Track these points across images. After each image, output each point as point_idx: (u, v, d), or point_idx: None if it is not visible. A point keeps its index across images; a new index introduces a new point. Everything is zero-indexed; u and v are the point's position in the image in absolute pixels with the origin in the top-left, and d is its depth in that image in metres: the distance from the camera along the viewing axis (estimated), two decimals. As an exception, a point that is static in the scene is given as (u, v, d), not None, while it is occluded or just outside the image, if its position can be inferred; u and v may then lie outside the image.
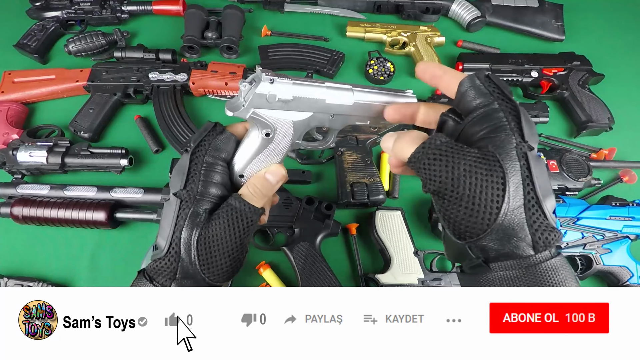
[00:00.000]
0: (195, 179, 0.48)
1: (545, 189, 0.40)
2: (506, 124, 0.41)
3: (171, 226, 0.46)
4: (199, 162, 0.48)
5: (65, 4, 1.30)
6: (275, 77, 0.50)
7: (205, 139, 0.50)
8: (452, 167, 0.39)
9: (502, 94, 0.43)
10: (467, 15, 1.35)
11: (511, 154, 0.40)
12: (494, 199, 0.39)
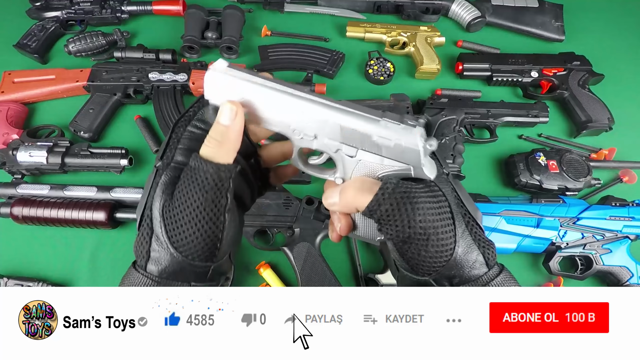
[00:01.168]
0: (172, 147, 0.45)
1: (472, 206, 0.42)
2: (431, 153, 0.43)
3: (145, 197, 0.43)
4: (179, 132, 0.46)
5: (65, 4, 1.30)
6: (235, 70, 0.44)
7: (190, 111, 0.47)
8: (412, 212, 0.38)
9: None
10: (467, 15, 1.35)
11: (442, 178, 0.42)
12: (449, 230, 0.39)
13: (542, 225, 0.94)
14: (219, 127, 0.42)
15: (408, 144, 0.39)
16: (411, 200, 0.38)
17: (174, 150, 0.44)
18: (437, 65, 1.24)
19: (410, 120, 0.40)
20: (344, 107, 0.42)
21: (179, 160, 0.43)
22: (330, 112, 0.42)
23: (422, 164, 0.39)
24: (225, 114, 0.41)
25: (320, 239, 0.95)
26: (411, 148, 0.39)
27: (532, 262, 1.01)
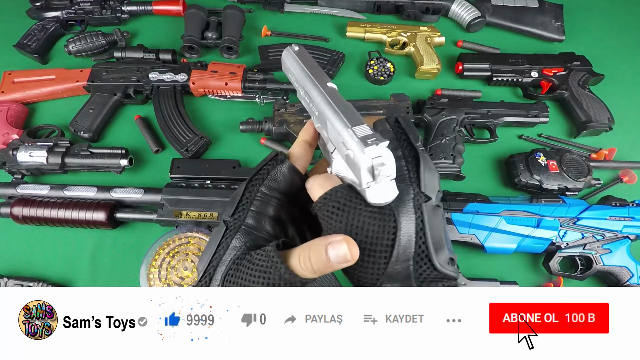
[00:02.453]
0: (245, 208, 0.43)
1: (437, 241, 0.39)
2: (406, 173, 0.40)
3: (210, 253, 0.42)
4: (253, 191, 0.44)
5: (65, 4, 1.30)
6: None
7: (265, 168, 0.45)
8: (349, 220, 0.37)
9: (407, 139, 0.42)
10: (467, 15, 1.35)
11: (408, 205, 0.38)
12: (381, 252, 0.37)
13: (542, 226, 0.94)
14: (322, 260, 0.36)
15: (356, 159, 0.38)
16: (345, 210, 0.38)
17: (246, 212, 0.43)
18: (437, 66, 1.24)
19: (376, 139, 0.37)
20: (336, 101, 0.42)
21: (250, 224, 0.42)
22: (324, 103, 0.43)
23: (365, 186, 0.37)
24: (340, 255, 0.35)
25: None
26: (357, 165, 0.37)
27: (532, 262, 1.01)
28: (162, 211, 0.96)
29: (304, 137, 0.48)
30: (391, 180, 0.37)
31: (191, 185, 1.00)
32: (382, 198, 0.38)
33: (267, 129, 1.09)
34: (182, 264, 0.92)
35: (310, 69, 0.45)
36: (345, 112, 0.40)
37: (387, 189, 0.38)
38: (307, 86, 0.44)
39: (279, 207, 0.44)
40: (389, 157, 0.36)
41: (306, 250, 0.37)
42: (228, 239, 0.42)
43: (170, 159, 1.05)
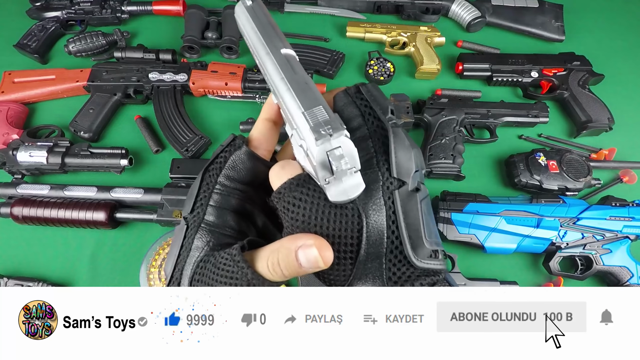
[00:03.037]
0: (203, 203, 0.39)
1: (415, 233, 0.32)
2: (373, 155, 0.33)
3: (175, 255, 0.38)
4: (211, 183, 0.39)
5: (66, 4, 1.30)
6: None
7: (221, 156, 0.40)
8: (308, 217, 0.32)
9: (373, 112, 0.35)
10: (467, 15, 1.35)
11: (375, 196, 0.32)
12: (346, 251, 0.32)
13: (542, 226, 0.94)
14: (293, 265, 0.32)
15: (309, 151, 0.31)
16: (306, 201, 0.32)
17: (205, 207, 0.39)
18: (437, 66, 1.24)
19: (331, 127, 0.30)
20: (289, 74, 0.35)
21: (210, 221, 0.38)
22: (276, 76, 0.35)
23: (323, 183, 0.31)
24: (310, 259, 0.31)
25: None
26: (310, 158, 0.31)
27: (532, 262, 1.01)
28: (162, 211, 0.96)
29: (265, 115, 0.42)
30: (355, 172, 0.31)
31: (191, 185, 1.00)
32: (344, 195, 0.31)
33: (267, 129, 1.09)
34: (182, 264, 0.92)
35: (263, 30, 0.38)
36: (299, 89, 0.33)
37: (351, 183, 0.31)
38: (260, 53, 0.37)
39: (242, 198, 0.40)
40: (348, 147, 0.30)
41: (274, 255, 0.33)
42: (189, 238, 0.38)
43: (170, 159, 1.05)
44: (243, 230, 0.39)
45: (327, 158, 0.30)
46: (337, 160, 0.30)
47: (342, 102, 0.36)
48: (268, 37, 0.37)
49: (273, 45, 0.36)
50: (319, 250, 0.31)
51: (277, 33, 0.38)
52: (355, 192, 0.31)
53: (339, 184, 0.31)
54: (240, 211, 0.39)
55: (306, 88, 0.33)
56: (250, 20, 0.39)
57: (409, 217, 0.32)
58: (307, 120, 0.31)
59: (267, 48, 0.36)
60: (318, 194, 0.32)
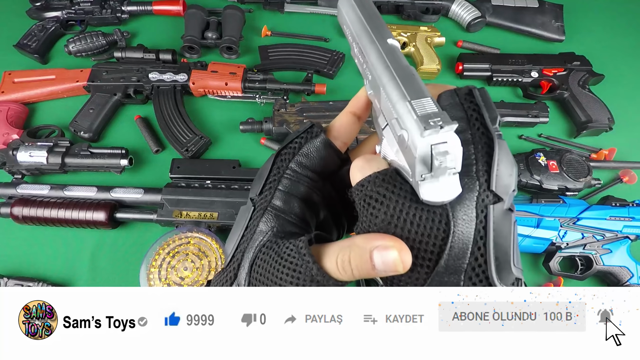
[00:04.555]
0: (272, 187, 0.38)
1: (503, 256, 0.30)
2: (473, 163, 0.31)
3: (238, 236, 0.38)
4: (282, 167, 0.39)
5: (66, 4, 1.30)
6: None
7: (296, 141, 0.39)
8: (389, 216, 0.30)
9: (481, 119, 0.33)
10: (467, 15, 1.35)
11: (468, 205, 0.30)
12: (424, 258, 0.30)
13: (542, 226, 0.94)
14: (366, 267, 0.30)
15: (411, 143, 0.29)
16: (389, 200, 0.30)
17: (273, 191, 0.38)
18: (437, 66, 1.24)
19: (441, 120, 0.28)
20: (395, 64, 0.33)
21: (277, 205, 0.37)
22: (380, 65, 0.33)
23: (418, 178, 0.29)
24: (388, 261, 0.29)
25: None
26: (411, 151, 0.29)
27: (532, 262, 1.01)
28: (162, 211, 0.97)
29: (351, 107, 0.41)
30: (454, 174, 0.29)
31: (191, 185, 1.00)
32: (438, 196, 0.29)
33: (267, 129, 1.09)
34: (182, 264, 0.92)
35: (369, 19, 0.37)
36: (405, 78, 0.31)
37: (447, 185, 0.29)
38: (363, 41, 0.36)
39: (311, 187, 0.38)
40: (455, 145, 0.28)
41: (346, 252, 0.31)
42: (255, 220, 0.37)
43: (170, 159, 1.05)
44: (307, 220, 0.38)
45: (430, 152, 0.28)
46: (441, 156, 0.27)
47: (448, 101, 0.34)
48: (374, 26, 0.36)
49: (379, 34, 0.35)
50: (400, 253, 0.29)
51: (382, 23, 0.37)
52: (450, 195, 0.29)
53: (435, 182, 0.29)
54: (306, 200, 0.38)
55: (413, 79, 0.31)
56: (356, 8, 0.38)
57: (499, 236, 0.30)
58: (414, 109, 0.29)
59: (372, 36, 0.35)
60: (404, 193, 0.30)
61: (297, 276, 0.32)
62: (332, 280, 0.31)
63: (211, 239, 0.94)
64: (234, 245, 0.38)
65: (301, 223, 0.38)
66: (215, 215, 0.96)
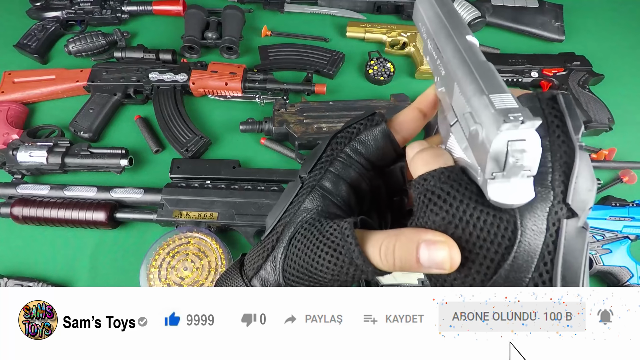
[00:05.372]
0: (323, 167, 0.37)
1: (571, 277, 0.28)
2: (549, 171, 0.28)
3: (282, 210, 0.38)
4: (336, 149, 0.38)
5: (65, 4, 1.30)
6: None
7: (355, 127, 0.38)
8: (451, 215, 0.29)
9: (563, 127, 0.29)
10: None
11: (539, 215, 0.27)
12: (482, 264, 0.28)
13: (542, 226, 0.94)
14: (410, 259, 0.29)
15: (484, 137, 0.27)
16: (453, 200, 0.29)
17: (323, 171, 0.37)
18: (437, 66, 1.24)
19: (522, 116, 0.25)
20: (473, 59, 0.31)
21: (326, 186, 0.37)
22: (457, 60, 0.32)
23: (488, 176, 0.27)
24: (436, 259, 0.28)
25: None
26: (483, 146, 0.27)
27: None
28: (162, 211, 0.97)
29: (418, 103, 0.39)
30: (528, 177, 0.26)
31: (191, 185, 1.00)
32: (508, 197, 0.27)
33: (267, 129, 1.09)
34: (182, 264, 0.92)
35: (448, 16, 0.35)
36: (484, 74, 0.30)
37: (519, 187, 0.27)
38: (440, 37, 0.34)
39: (361, 175, 0.37)
40: (534, 144, 0.26)
41: (392, 240, 0.30)
42: (301, 197, 0.37)
43: (170, 159, 1.05)
44: (352, 206, 0.38)
45: (506, 148, 0.25)
46: (518, 153, 0.25)
47: (527, 105, 0.30)
48: (453, 22, 0.35)
49: (457, 31, 0.34)
50: (450, 251, 0.28)
51: (462, 21, 0.35)
52: (521, 199, 0.27)
53: (506, 182, 0.27)
54: (355, 186, 0.38)
55: (492, 75, 0.29)
56: (435, 5, 0.36)
57: (570, 254, 0.27)
58: (491, 103, 0.27)
59: (450, 32, 0.34)
60: (469, 193, 0.29)
61: (336, 256, 0.31)
62: (372, 268, 0.30)
63: (211, 239, 0.94)
64: (276, 218, 0.37)
65: (346, 207, 0.37)
66: (215, 215, 0.96)
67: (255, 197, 0.97)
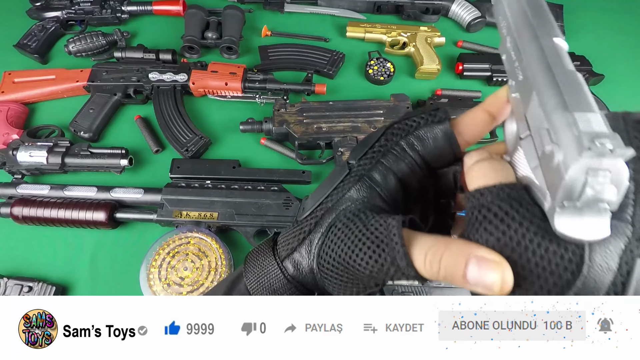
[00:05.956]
0: (375, 157, 0.35)
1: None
2: (630, 204, 0.25)
3: (324, 194, 0.35)
4: (391, 141, 0.35)
5: (66, 4, 1.30)
6: None
7: (415, 120, 0.35)
8: (507, 238, 0.26)
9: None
10: (467, 15, 1.35)
11: (610, 252, 0.24)
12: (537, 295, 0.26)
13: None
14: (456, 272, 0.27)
15: (560, 161, 0.23)
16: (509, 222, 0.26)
17: (374, 163, 0.34)
18: (437, 66, 1.24)
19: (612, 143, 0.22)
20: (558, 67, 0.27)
21: (375, 178, 0.34)
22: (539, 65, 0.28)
23: (557, 205, 0.24)
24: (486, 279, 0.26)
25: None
26: (557, 171, 0.23)
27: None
28: (162, 211, 0.97)
29: (488, 105, 0.35)
30: (605, 211, 0.23)
31: (191, 185, 1.00)
32: (577, 232, 0.24)
33: (267, 129, 1.09)
34: (182, 264, 0.92)
35: (535, 12, 0.30)
36: (569, 85, 0.26)
37: (592, 222, 0.23)
38: (522, 36, 0.30)
39: (413, 172, 0.35)
40: (621, 176, 0.22)
41: (440, 248, 0.28)
42: (346, 184, 0.35)
43: (170, 159, 1.05)
44: (398, 203, 0.35)
45: (585, 178, 0.22)
46: (599, 185, 0.22)
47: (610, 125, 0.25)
48: (540, 20, 0.30)
49: (545, 30, 0.29)
50: (503, 274, 0.25)
51: (551, 20, 0.30)
52: (594, 235, 0.23)
53: (577, 215, 0.23)
54: (404, 182, 0.35)
55: (579, 89, 0.25)
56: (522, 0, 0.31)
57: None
58: (575, 123, 0.23)
59: (536, 31, 0.29)
60: (531, 216, 0.26)
61: (379, 252, 0.30)
62: (414, 272, 0.28)
63: (211, 239, 0.94)
64: (318, 202, 0.36)
65: (392, 203, 0.35)
66: (215, 215, 0.96)
67: (255, 197, 0.97)
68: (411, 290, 0.91)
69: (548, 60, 0.27)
